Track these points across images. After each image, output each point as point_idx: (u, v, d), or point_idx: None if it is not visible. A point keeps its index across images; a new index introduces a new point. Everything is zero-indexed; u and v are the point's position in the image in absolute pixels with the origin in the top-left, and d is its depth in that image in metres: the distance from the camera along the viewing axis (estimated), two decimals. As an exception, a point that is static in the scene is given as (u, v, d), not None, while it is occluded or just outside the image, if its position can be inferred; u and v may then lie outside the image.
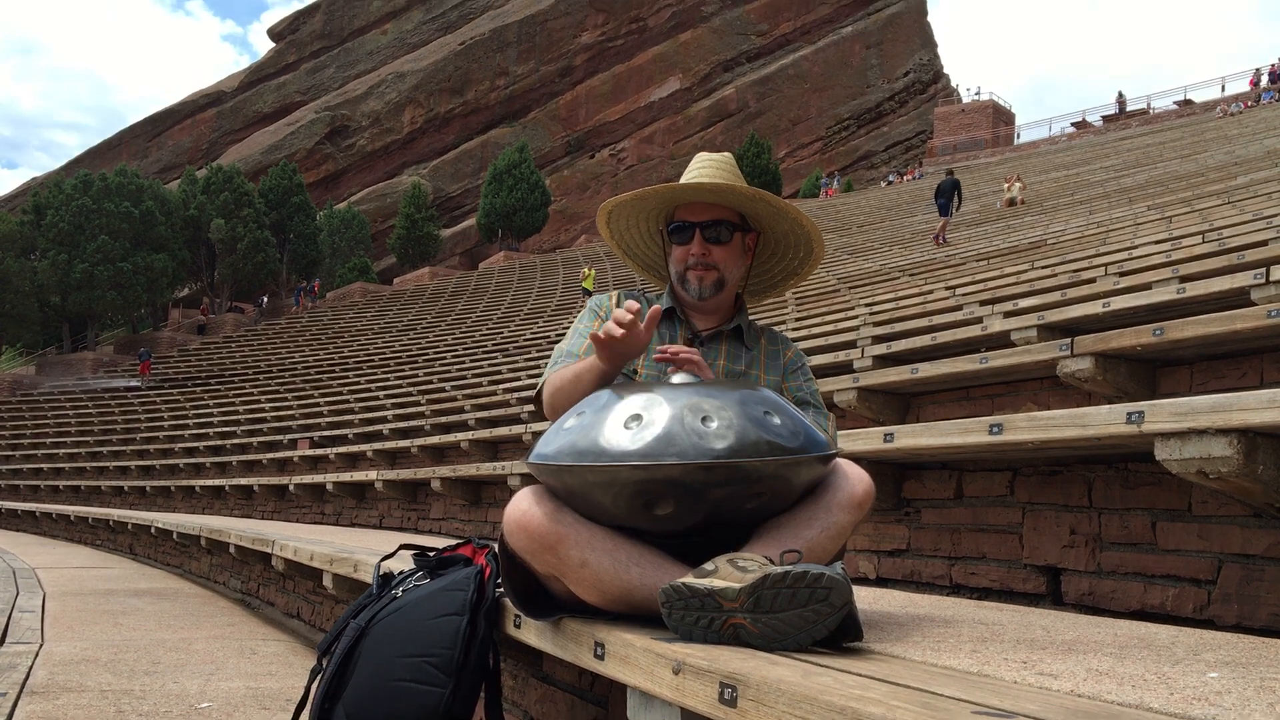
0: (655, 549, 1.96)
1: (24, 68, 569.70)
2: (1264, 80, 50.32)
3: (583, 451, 1.90)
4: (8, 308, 43.09)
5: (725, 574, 1.72)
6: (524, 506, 2.02)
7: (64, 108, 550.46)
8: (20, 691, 3.50)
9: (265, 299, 49.75)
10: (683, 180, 2.45)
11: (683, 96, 74.68)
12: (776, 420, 1.92)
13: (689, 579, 1.74)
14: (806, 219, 2.44)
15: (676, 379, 2.07)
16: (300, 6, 78.89)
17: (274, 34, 79.07)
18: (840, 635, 1.70)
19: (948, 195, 21.69)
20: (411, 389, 20.43)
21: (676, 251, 2.45)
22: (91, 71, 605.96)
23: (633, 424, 1.89)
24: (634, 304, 2.15)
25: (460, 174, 69.87)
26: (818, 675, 1.39)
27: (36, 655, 4.24)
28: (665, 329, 2.48)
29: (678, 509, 1.87)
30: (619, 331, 2.12)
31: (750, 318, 2.57)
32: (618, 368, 2.23)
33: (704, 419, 1.87)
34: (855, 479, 2.09)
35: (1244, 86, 51.92)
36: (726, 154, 2.52)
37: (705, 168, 2.45)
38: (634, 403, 1.94)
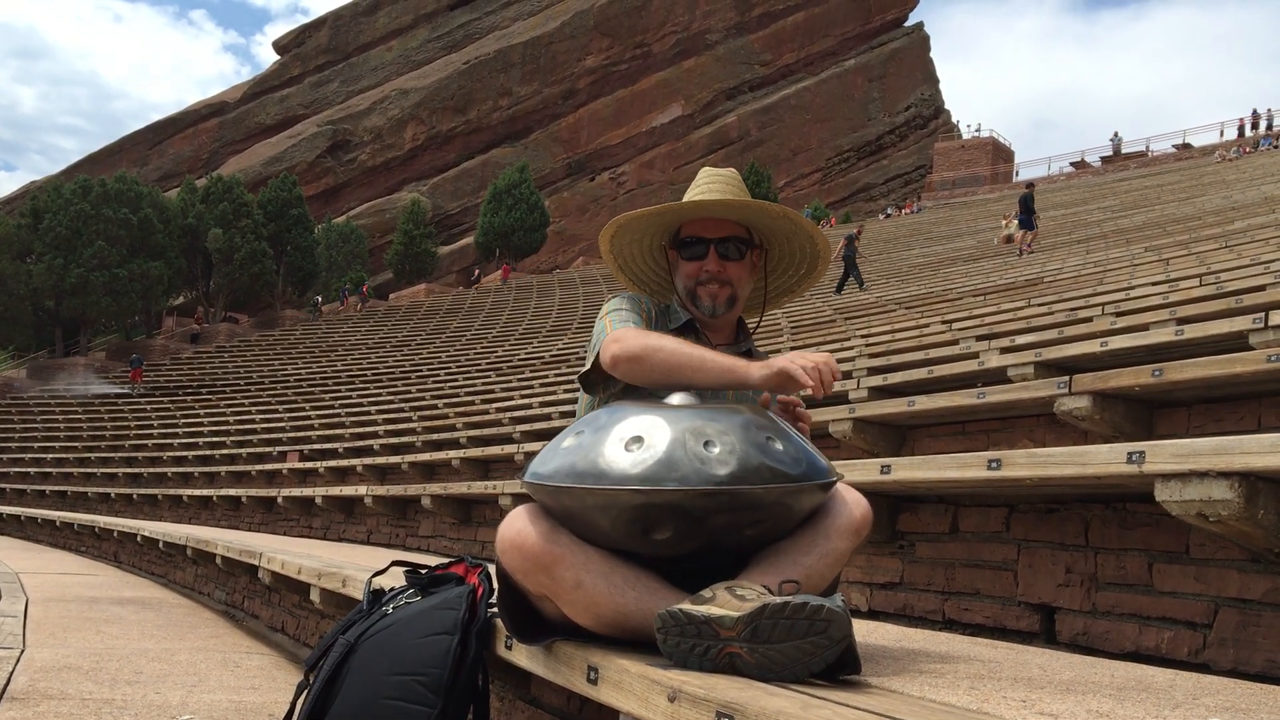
0: (651, 573, 1.93)
1: (25, 70, 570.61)
2: (1261, 126, 50.82)
3: (582, 473, 1.87)
4: (1, 310, 42.99)
5: (723, 602, 1.70)
6: (518, 525, 1.99)
7: (64, 112, 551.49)
8: (0, 697, 3.46)
9: (320, 299, 50.04)
10: (691, 195, 2.42)
11: (684, 123, 74.99)
12: (779, 446, 1.89)
13: (686, 605, 1.71)
14: (821, 236, 2.44)
15: (676, 399, 2.05)
16: (305, 20, 79.33)
17: (279, 47, 79.38)
18: (838, 667, 1.68)
19: (1025, 211, 22.13)
20: (404, 405, 20.38)
21: (687, 267, 2.41)
22: (92, 77, 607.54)
23: (633, 446, 1.86)
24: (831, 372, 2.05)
25: (460, 192, 70.01)
26: (816, 708, 1.37)
27: (18, 661, 4.20)
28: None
29: (676, 534, 1.85)
30: (809, 382, 2.00)
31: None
32: (719, 386, 2.14)
33: (706, 443, 1.84)
34: (853, 504, 2.07)
35: (1231, 134, 52.45)
36: (731, 169, 2.50)
37: (714, 183, 2.42)
38: (635, 424, 1.91)
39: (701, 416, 1.92)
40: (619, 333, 2.24)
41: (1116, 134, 57.47)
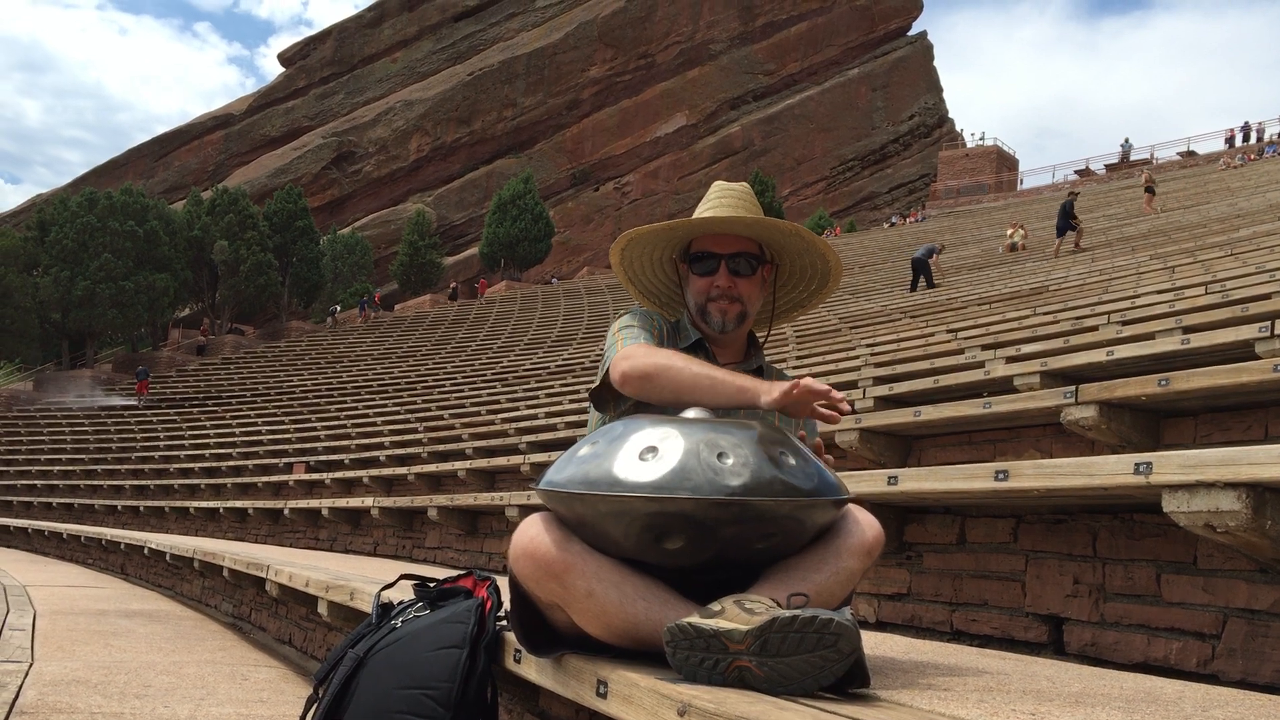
0: (663, 584, 1.93)
1: (30, 83, 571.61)
2: (1252, 138, 50.97)
3: (595, 481, 1.88)
4: (8, 323, 43.11)
5: (732, 615, 1.70)
6: (532, 533, 1.99)
7: (69, 125, 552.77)
8: (9, 711, 3.46)
9: (337, 307, 50.24)
10: (703, 210, 2.41)
11: (689, 133, 75.12)
12: (792, 461, 1.90)
13: (695, 619, 1.71)
14: (833, 253, 2.43)
15: (690, 413, 2.06)
16: (310, 33, 79.79)
17: (284, 59, 79.65)
18: (847, 681, 1.68)
19: (1063, 216, 22.61)
20: (409, 416, 20.39)
21: (697, 283, 2.39)
22: (97, 89, 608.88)
23: (648, 455, 1.87)
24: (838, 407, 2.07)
25: (464, 203, 70.17)
26: (827, 722, 1.37)
27: (26, 674, 4.20)
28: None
29: (688, 544, 1.86)
30: (819, 401, 2.04)
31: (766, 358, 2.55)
32: (737, 405, 2.12)
33: (720, 455, 1.85)
34: (866, 525, 2.07)
35: (1222, 145, 52.43)
36: (744, 184, 2.49)
37: (726, 198, 2.42)
38: (650, 435, 1.92)
39: (715, 429, 1.93)
40: (629, 350, 2.23)
41: (1127, 140, 57.47)
